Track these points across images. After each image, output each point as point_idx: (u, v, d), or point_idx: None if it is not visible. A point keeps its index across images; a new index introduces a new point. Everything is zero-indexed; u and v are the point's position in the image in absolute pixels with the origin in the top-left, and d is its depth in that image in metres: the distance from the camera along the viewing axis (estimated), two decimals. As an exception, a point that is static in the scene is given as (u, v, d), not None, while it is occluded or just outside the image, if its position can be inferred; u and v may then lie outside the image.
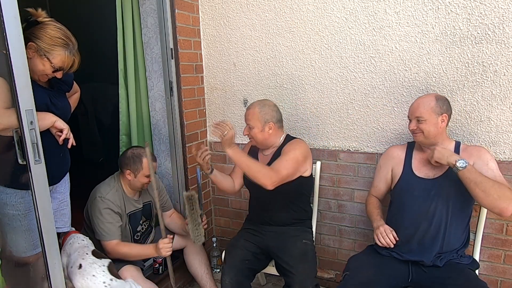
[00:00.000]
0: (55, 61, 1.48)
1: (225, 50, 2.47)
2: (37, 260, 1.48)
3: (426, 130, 1.67)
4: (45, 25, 1.46)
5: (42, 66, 1.48)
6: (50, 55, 1.47)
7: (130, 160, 1.96)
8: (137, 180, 1.98)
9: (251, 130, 1.92)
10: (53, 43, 1.46)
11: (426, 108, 1.67)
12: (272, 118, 1.93)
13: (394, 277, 1.67)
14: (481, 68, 1.85)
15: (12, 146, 1.33)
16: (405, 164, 1.80)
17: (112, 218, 1.92)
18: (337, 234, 2.40)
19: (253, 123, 1.91)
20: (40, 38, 1.45)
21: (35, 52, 1.45)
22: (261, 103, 1.95)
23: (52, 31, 1.47)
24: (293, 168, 1.83)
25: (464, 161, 1.53)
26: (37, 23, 1.46)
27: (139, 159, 1.95)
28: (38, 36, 1.45)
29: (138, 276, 1.93)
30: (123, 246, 1.94)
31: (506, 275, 2.00)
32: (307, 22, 2.19)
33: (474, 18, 1.82)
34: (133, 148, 2.04)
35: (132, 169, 1.96)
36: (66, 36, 1.50)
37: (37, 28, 1.45)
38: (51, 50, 1.47)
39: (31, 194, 1.38)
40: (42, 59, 1.47)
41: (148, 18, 2.30)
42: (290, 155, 1.84)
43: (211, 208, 2.82)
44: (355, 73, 2.13)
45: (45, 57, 1.46)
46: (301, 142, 1.98)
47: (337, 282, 2.42)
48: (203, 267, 2.22)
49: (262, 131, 1.92)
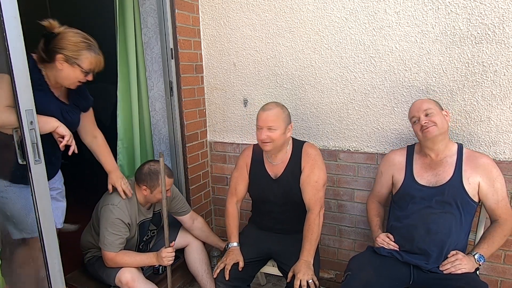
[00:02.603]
0: (84, 65, 1.55)
1: (225, 50, 2.47)
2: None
3: (439, 121, 1.67)
4: (64, 34, 1.51)
5: (74, 74, 1.55)
6: (79, 60, 1.53)
7: (147, 176, 1.91)
8: (153, 196, 1.94)
9: (273, 132, 1.77)
10: (78, 49, 1.52)
11: (431, 102, 1.73)
12: (290, 120, 1.87)
13: (395, 278, 1.66)
14: (481, 68, 1.85)
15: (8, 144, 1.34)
16: (406, 171, 1.79)
17: (119, 230, 1.88)
18: (337, 234, 2.40)
19: (278, 124, 1.77)
20: (64, 47, 1.50)
21: (65, 62, 1.51)
22: (279, 104, 1.85)
23: (73, 37, 1.52)
24: (324, 180, 1.89)
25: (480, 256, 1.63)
26: (54, 35, 1.50)
27: (156, 176, 1.89)
28: (62, 46, 1.50)
29: (138, 276, 1.92)
30: (123, 256, 1.91)
31: (506, 275, 2.00)
32: (307, 22, 2.19)
33: (474, 18, 1.82)
34: (150, 163, 1.97)
35: (149, 185, 1.91)
36: (86, 38, 1.56)
37: (58, 39, 1.50)
38: (79, 56, 1.53)
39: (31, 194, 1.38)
40: (73, 67, 1.53)
41: (148, 18, 2.30)
42: (320, 183, 1.85)
43: (211, 208, 2.82)
44: (355, 73, 2.13)
45: (75, 64, 1.53)
46: (315, 148, 1.93)
47: (337, 282, 2.42)
48: (204, 267, 2.21)
49: (284, 134, 1.81)
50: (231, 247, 1.93)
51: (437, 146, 1.71)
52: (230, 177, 2.63)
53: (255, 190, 2.01)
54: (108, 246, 1.87)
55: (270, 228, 2.00)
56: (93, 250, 2.07)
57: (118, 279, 1.90)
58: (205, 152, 2.67)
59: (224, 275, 1.79)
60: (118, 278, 1.90)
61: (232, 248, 1.92)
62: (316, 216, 1.80)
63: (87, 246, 2.09)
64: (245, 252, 1.91)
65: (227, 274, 1.79)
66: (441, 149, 1.71)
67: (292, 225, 1.95)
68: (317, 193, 1.83)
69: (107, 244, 1.87)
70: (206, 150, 2.68)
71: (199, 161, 2.61)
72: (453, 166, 1.68)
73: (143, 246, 2.15)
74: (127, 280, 1.88)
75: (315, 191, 1.83)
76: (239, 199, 2.03)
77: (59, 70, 1.53)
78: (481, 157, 1.70)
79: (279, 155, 1.92)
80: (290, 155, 1.91)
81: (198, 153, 2.60)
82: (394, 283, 1.65)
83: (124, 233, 1.90)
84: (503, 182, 1.67)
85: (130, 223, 1.94)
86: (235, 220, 2.00)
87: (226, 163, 2.67)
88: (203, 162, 2.67)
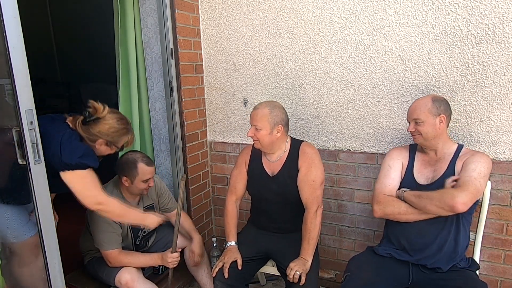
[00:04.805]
0: (120, 145, 1.70)
1: (225, 50, 2.47)
2: None
3: (425, 132, 1.66)
4: (107, 120, 1.61)
5: (109, 151, 1.67)
6: (117, 143, 1.68)
7: (125, 166, 1.90)
8: (134, 186, 1.93)
9: (258, 131, 1.82)
10: (119, 135, 1.66)
11: (423, 110, 1.65)
12: (282, 121, 1.84)
13: (394, 278, 1.66)
14: (481, 68, 1.85)
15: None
16: (408, 169, 1.79)
17: (111, 227, 1.87)
18: (337, 234, 2.40)
19: (262, 124, 1.80)
20: (107, 134, 1.62)
21: (104, 144, 1.63)
22: (270, 104, 1.85)
23: (116, 125, 1.64)
24: (321, 179, 1.87)
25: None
26: (97, 118, 1.59)
27: (134, 164, 1.89)
28: (105, 133, 1.61)
29: (138, 276, 1.92)
30: (126, 256, 1.92)
31: (506, 275, 2.00)
32: (307, 22, 2.19)
33: (474, 18, 1.82)
34: (128, 153, 1.96)
35: (128, 175, 1.90)
36: (126, 123, 1.69)
37: (100, 124, 1.60)
38: (119, 140, 1.67)
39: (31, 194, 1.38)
40: (111, 147, 1.68)
41: (148, 18, 2.30)
42: (317, 181, 1.84)
43: (211, 208, 2.82)
44: (355, 73, 2.13)
45: (113, 145, 1.67)
46: (312, 147, 1.93)
47: (337, 282, 2.42)
48: (204, 267, 2.21)
49: (270, 134, 1.82)
50: (229, 246, 1.93)
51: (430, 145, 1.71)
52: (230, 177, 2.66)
53: (253, 187, 2.01)
54: (105, 245, 1.88)
55: (268, 227, 2.00)
56: (92, 252, 2.07)
57: (117, 280, 1.90)
58: (205, 152, 2.67)
59: (224, 273, 1.79)
60: (117, 278, 1.90)
61: (230, 247, 1.92)
62: (313, 215, 1.80)
63: (85, 249, 2.09)
64: (244, 251, 1.92)
65: (226, 273, 1.79)
66: (439, 147, 1.71)
67: (290, 224, 1.96)
68: (314, 192, 1.83)
69: (103, 243, 1.88)
70: (206, 150, 2.68)
71: (199, 161, 2.61)
72: (448, 163, 1.68)
73: (141, 242, 2.13)
74: (126, 281, 1.88)
75: (312, 190, 1.83)
76: (238, 197, 2.04)
77: (95, 148, 1.63)
78: (476, 153, 1.66)
79: (276, 153, 1.92)
80: (288, 153, 1.92)
81: (198, 153, 2.61)
82: (393, 283, 1.65)
83: (116, 229, 1.90)
84: (482, 171, 1.56)
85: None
86: (234, 219, 2.00)
87: (226, 163, 2.67)
88: (203, 162, 2.67)
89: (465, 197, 1.49)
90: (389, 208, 1.69)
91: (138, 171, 1.89)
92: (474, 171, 1.57)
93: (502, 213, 1.94)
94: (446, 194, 1.54)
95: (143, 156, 1.95)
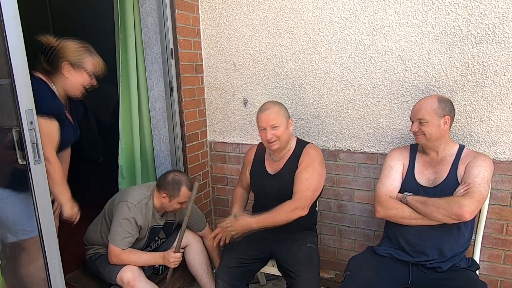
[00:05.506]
0: (89, 67, 1.65)
1: (225, 50, 2.47)
2: None
3: (428, 132, 1.65)
4: (63, 44, 1.61)
5: (81, 78, 1.65)
6: (83, 63, 1.64)
7: (169, 185, 1.95)
8: (170, 204, 1.98)
9: (276, 130, 1.79)
10: (80, 53, 1.64)
11: (428, 110, 1.64)
12: (289, 115, 1.90)
13: (394, 278, 1.66)
14: (481, 68, 1.85)
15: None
16: (408, 170, 1.78)
17: (131, 229, 1.90)
18: (337, 234, 2.40)
19: (280, 120, 1.80)
20: (67, 54, 1.61)
21: (71, 67, 1.61)
22: (275, 102, 1.89)
23: (72, 44, 1.64)
24: (317, 182, 1.83)
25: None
26: (53, 48, 1.59)
27: (178, 186, 1.94)
28: (65, 54, 1.61)
29: (140, 275, 1.93)
30: (129, 254, 1.92)
31: (506, 275, 2.00)
32: (307, 22, 2.19)
33: (474, 18, 1.82)
34: (175, 173, 2.00)
35: (169, 194, 1.95)
36: (83, 43, 1.68)
37: (58, 50, 1.60)
38: (82, 59, 1.64)
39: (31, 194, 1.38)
40: (79, 71, 1.64)
41: (148, 18, 2.30)
42: (311, 183, 1.80)
43: (211, 208, 2.82)
44: (355, 73, 2.13)
45: (80, 67, 1.63)
46: (316, 150, 1.92)
47: (337, 282, 2.42)
48: (204, 267, 2.21)
49: (287, 129, 1.84)
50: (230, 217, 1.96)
51: (432, 146, 1.71)
52: (230, 177, 2.67)
53: (255, 185, 2.04)
54: (117, 242, 1.89)
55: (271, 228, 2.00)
56: (97, 247, 2.07)
57: (119, 278, 1.90)
58: (205, 152, 2.68)
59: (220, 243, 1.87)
60: (119, 276, 1.90)
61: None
62: (291, 209, 1.76)
63: (91, 241, 2.10)
64: (246, 251, 1.92)
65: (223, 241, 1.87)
66: (441, 148, 1.71)
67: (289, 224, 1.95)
68: (305, 191, 1.79)
69: (116, 238, 1.89)
70: (206, 150, 2.68)
71: (199, 161, 2.62)
72: (450, 165, 1.68)
73: (151, 246, 2.17)
74: (128, 279, 1.88)
75: (303, 188, 1.80)
76: (245, 187, 2.13)
77: (66, 78, 1.63)
78: (478, 155, 1.66)
79: (282, 152, 1.93)
80: (292, 153, 1.92)
81: (198, 153, 2.61)
82: (393, 283, 1.65)
83: (134, 233, 1.93)
84: (485, 176, 1.58)
85: (142, 226, 1.96)
86: (240, 196, 2.12)
87: (226, 163, 2.67)
88: (203, 162, 2.67)
89: (472, 206, 1.51)
90: (392, 211, 1.68)
91: (180, 193, 1.95)
92: (477, 176, 1.57)
93: (502, 213, 1.94)
94: (453, 202, 1.54)
95: (187, 180, 1.99)
